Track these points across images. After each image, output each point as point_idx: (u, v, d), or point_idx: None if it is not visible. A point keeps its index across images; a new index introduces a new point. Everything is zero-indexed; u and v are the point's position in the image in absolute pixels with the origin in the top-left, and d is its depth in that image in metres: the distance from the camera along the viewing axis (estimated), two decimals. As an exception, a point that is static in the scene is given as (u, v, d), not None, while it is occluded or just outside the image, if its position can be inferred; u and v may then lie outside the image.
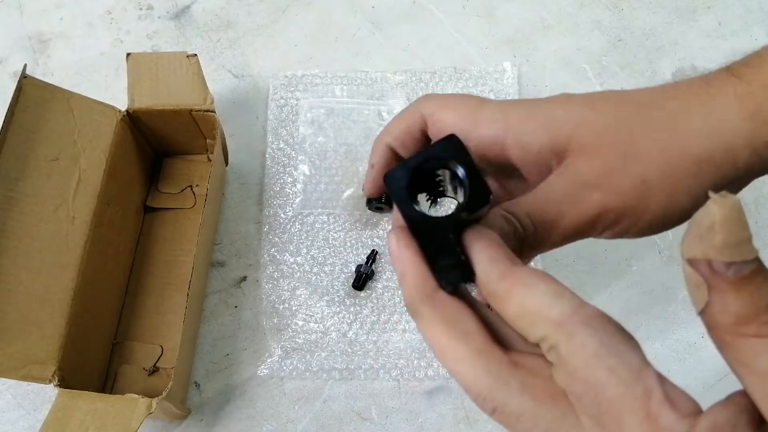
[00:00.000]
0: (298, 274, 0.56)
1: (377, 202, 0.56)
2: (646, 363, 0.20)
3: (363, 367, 0.53)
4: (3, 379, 0.47)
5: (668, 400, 0.19)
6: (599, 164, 0.28)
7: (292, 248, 0.58)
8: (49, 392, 0.52)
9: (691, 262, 0.18)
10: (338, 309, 0.55)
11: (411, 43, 0.69)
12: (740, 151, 0.27)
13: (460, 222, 0.24)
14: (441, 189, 0.27)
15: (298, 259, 0.57)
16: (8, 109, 0.45)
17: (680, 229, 0.24)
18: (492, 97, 0.65)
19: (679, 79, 0.31)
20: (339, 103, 0.64)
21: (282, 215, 0.59)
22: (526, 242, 0.28)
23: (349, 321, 0.55)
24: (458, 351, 0.22)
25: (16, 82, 0.46)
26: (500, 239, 0.24)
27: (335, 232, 0.58)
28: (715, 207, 0.17)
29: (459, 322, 0.23)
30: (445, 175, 0.25)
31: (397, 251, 0.24)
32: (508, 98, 0.65)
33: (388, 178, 0.24)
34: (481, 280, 0.23)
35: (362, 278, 0.55)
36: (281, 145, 0.62)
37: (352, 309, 0.55)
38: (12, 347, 0.42)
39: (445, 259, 0.24)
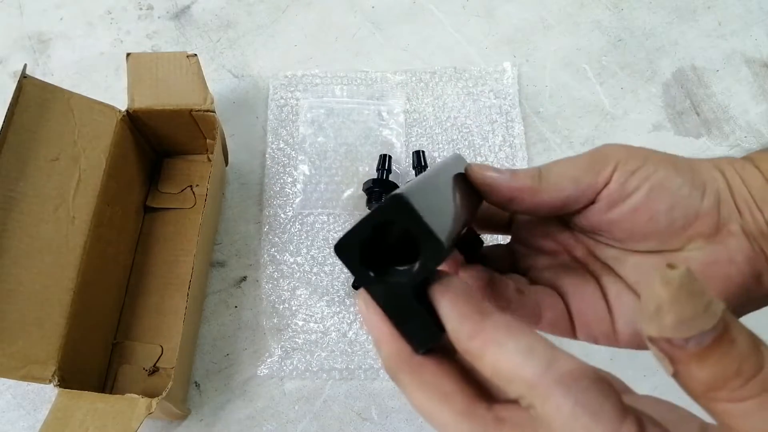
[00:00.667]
0: (298, 274, 0.56)
1: (377, 203, 0.56)
2: (626, 413, 0.19)
3: (363, 367, 0.53)
4: (3, 379, 0.47)
5: None
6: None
7: (292, 248, 0.58)
8: (49, 392, 0.52)
9: (650, 339, 0.18)
10: (338, 309, 0.55)
11: (411, 43, 0.69)
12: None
13: (421, 279, 0.23)
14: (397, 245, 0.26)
15: (298, 259, 0.57)
16: (8, 109, 0.45)
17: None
18: (492, 96, 0.65)
19: (679, 78, 0.31)
20: (339, 103, 0.64)
21: (282, 215, 0.59)
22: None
23: (349, 321, 0.55)
24: (441, 415, 0.22)
25: (16, 82, 0.46)
26: (467, 287, 0.24)
27: (335, 232, 0.58)
28: (661, 288, 0.17)
29: (438, 385, 0.23)
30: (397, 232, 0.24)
31: (367, 316, 0.24)
32: (508, 98, 0.65)
33: (338, 251, 0.24)
34: (453, 339, 0.22)
35: (362, 278, 0.55)
36: (281, 145, 0.62)
37: (352, 309, 0.55)
38: (12, 347, 0.42)
39: (411, 322, 0.23)
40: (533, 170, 0.28)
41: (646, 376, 0.51)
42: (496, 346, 0.21)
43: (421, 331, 0.23)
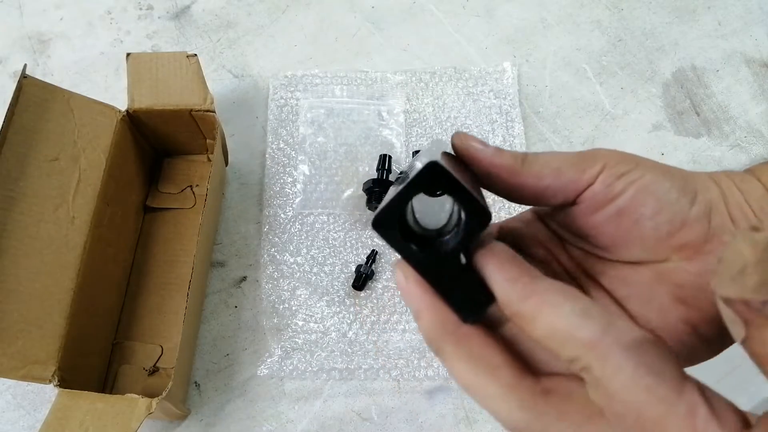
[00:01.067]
0: (298, 274, 0.56)
1: (377, 202, 0.56)
2: (686, 377, 0.19)
3: (363, 367, 0.53)
4: (3, 379, 0.47)
5: (714, 416, 0.18)
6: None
7: (292, 248, 0.58)
8: (49, 392, 0.52)
9: (726, 301, 0.18)
10: (338, 309, 0.55)
11: (411, 43, 0.69)
12: None
13: (464, 247, 0.23)
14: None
15: (298, 259, 0.57)
16: (8, 109, 0.45)
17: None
18: (492, 96, 0.65)
19: (679, 78, 0.31)
20: (339, 103, 0.64)
21: (282, 215, 0.59)
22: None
23: (349, 321, 0.55)
24: (488, 388, 0.22)
25: (16, 82, 0.46)
26: (512, 251, 0.23)
27: (335, 232, 0.58)
28: (746, 248, 0.17)
29: (485, 357, 0.22)
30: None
31: (407, 288, 0.23)
32: (508, 98, 0.65)
33: (377, 225, 0.23)
34: (502, 302, 0.22)
35: (362, 278, 0.55)
36: (281, 145, 0.62)
37: (352, 309, 0.55)
38: (12, 347, 0.42)
39: (460, 291, 0.23)
40: (520, 153, 0.27)
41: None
42: (551, 306, 0.21)
43: (469, 299, 0.23)
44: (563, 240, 0.30)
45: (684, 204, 0.26)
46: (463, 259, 0.23)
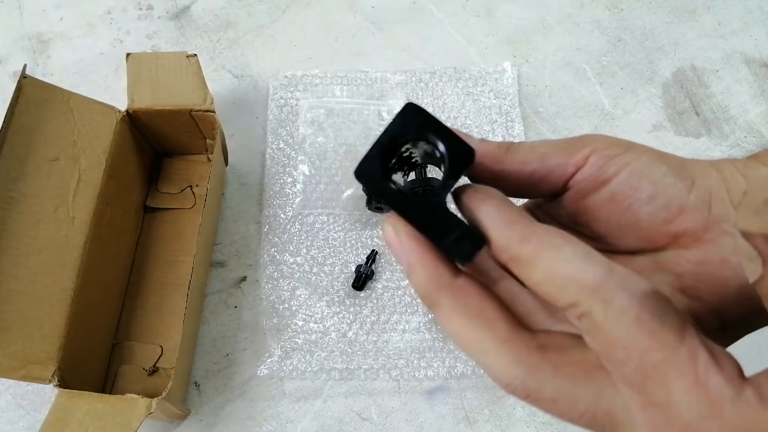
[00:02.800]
0: (298, 274, 0.56)
1: (377, 202, 0.56)
2: (686, 323, 0.19)
3: (363, 367, 0.53)
4: (3, 379, 0.47)
5: (715, 363, 0.18)
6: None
7: (292, 248, 0.58)
8: (48, 392, 0.52)
9: (746, 235, 0.18)
10: (338, 309, 0.55)
11: (411, 43, 0.69)
12: None
13: (451, 187, 0.22)
14: (412, 159, 0.25)
15: (298, 259, 0.57)
16: (8, 109, 0.45)
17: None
18: (492, 96, 0.65)
19: (678, 79, 0.30)
20: (339, 104, 0.64)
21: (282, 215, 0.59)
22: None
23: (348, 321, 0.55)
24: (483, 341, 0.21)
25: (16, 82, 0.46)
26: (503, 195, 0.22)
27: (335, 232, 0.58)
28: None
29: (482, 310, 0.22)
30: (414, 144, 0.24)
31: (397, 242, 0.22)
32: (508, 98, 0.65)
33: (360, 173, 0.22)
34: (499, 245, 0.21)
35: (362, 278, 0.55)
36: (281, 145, 0.62)
37: (351, 309, 0.55)
38: (12, 347, 0.42)
39: (451, 234, 0.22)
40: (506, 142, 0.26)
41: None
42: (552, 249, 0.20)
43: (463, 242, 0.22)
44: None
45: (681, 189, 0.24)
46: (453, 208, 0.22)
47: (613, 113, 0.65)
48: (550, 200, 0.28)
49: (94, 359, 0.50)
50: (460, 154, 0.22)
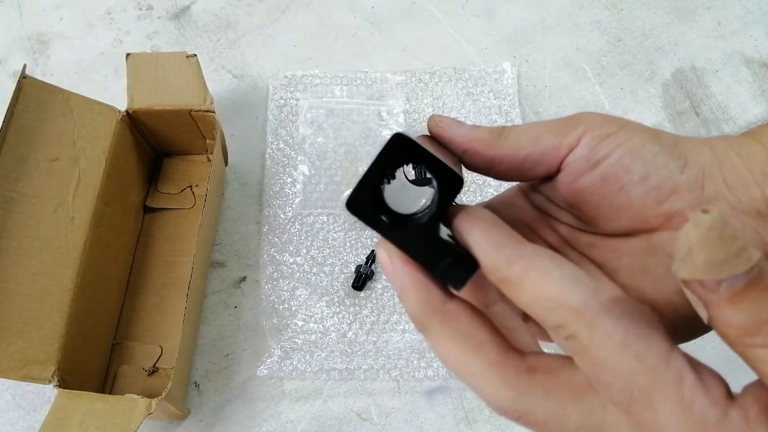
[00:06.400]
0: (298, 274, 0.56)
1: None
2: (673, 345, 0.19)
3: (363, 367, 0.53)
4: (2, 379, 0.47)
5: (701, 385, 0.18)
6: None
7: (291, 248, 0.57)
8: (48, 393, 0.52)
9: (684, 282, 0.18)
10: (338, 309, 0.55)
11: (411, 43, 0.69)
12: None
13: (441, 215, 0.23)
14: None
15: (298, 259, 0.57)
16: (8, 110, 0.45)
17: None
18: (492, 97, 0.65)
19: (678, 79, 0.30)
20: (339, 104, 0.64)
21: (282, 215, 0.59)
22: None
23: (348, 321, 0.55)
24: (473, 365, 0.21)
25: (16, 82, 0.46)
26: (494, 216, 0.23)
27: (335, 233, 0.58)
28: (691, 230, 0.17)
29: (471, 335, 0.22)
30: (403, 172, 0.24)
31: (390, 266, 0.22)
32: (508, 98, 0.65)
33: (351, 206, 0.23)
34: (488, 267, 0.21)
35: (362, 278, 0.55)
36: (281, 146, 0.62)
37: (351, 309, 0.55)
38: (12, 347, 0.42)
39: (443, 261, 0.22)
40: (498, 127, 0.26)
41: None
42: (538, 271, 0.20)
43: (456, 267, 0.22)
44: (549, 216, 0.29)
45: (674, 169, 0.24)
46: (444, 231, 0.23)
47: (612, 113, 0.65)
48: (545, 182, 0.27)
49: (93, 359, 0.50)
50: (448, 184, 0.22)
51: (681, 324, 0.24)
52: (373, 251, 0.56)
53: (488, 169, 0.26)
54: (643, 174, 0.24)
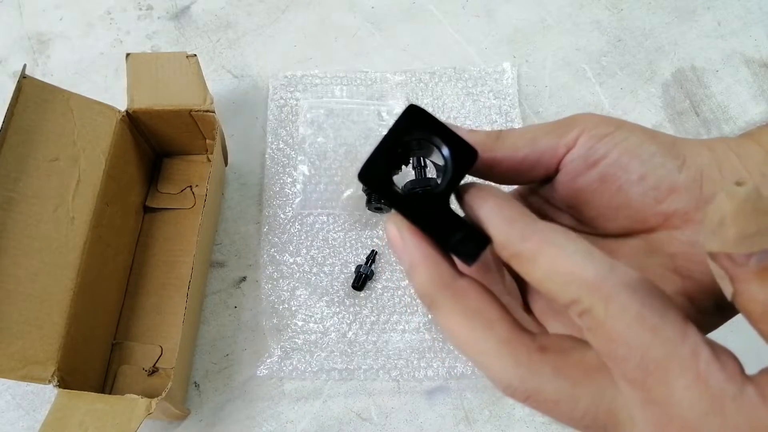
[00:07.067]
0: (298, 274, 0.56)
1: (377, 202, 0.56)
2: (687, 321, 0.19)
3: (363, 367, 0.53)
4: (2, 379, 0.47)
5: (716, 360, 0.18)
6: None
7: (291, 248, 0.57)
8: (48, 393, 0.52)
9: (711, 255, 0.18)
10: (338, 309, 0.55)
11: (411, 43, 0.69)
12: None
13: (454, 188, 0.23)
14: (410, 159, 0.26)
15: (298, 259, 0.57)
16: (8, 109, 0.45)
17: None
18: (492, 97, 0.65)
19: (678, 79, 0.30)
20: (339, 104, 0.64)
21: (282, 215, 0.59)
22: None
23: (348, 321, 0.55)
24: (482, 342, 0.21)
25: (16, 82, 0.46)
26: (505, 193, 0.22)
27: (335, 233, 0.58)
28: (725, 201, 0.16)
29: (482, 312, 0.21)
30: (417, 145, 0.24)
31: (400, 241, 0.22)
32: (508, 98, 0.65)
33: (364, 176, 0.22)
34: (500, 243, 0.21)
35: (362, 278, 0.55)
36: (281, 146, 0.62)
37: (351, 309, 0.55)
38: (12, 347, 0.42)
39: (455, 234, 0.22)
40: (496, 131, 0.26)
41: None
42: (553, 246, 0.20)
43: (468, 241, 0.22)
44: (548, 218, 0.28)
45: (672, 168, 0.24)
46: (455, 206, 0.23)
47: (612, 113, 0.65)
48: (543, 184, 0.27)
49: (93, 359, 0.50)
50: (463, 155, 0.22)
51: None
52: (373, 251, 0.56)
53: (487, 172, 0.26)
54: (641, 173, 0.24)
